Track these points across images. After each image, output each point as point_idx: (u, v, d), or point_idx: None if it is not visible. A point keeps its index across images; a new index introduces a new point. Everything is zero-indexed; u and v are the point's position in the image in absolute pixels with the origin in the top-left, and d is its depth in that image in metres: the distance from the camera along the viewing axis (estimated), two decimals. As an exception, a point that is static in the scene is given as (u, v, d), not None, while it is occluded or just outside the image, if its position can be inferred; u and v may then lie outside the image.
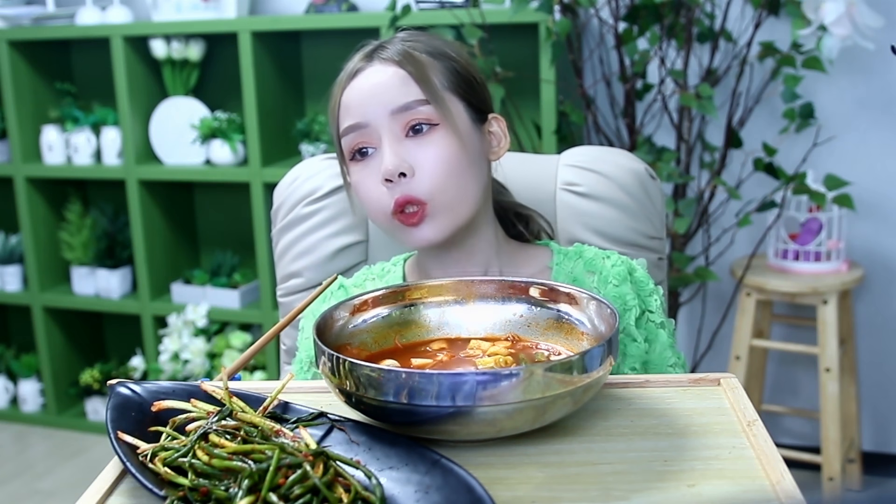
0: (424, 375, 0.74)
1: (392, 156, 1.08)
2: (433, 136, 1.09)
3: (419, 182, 1.08)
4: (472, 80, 1.16)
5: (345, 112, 1.12)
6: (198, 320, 2.91)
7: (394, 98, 1.10)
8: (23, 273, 3.26)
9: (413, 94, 1.10)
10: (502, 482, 0.74)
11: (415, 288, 0.98)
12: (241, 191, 3.04)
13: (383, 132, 1.10)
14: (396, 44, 1.14)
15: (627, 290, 1.15)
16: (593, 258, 1.18)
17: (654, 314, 1.16)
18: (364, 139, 1.11)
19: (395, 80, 1.10)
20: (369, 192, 1.11)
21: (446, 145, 1.09)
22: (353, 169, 1.13)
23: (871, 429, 2.72)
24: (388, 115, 1.09)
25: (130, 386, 0.85)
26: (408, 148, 1.09)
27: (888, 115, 2.52)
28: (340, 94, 1.13)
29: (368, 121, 1.10)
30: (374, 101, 1.10)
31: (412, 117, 1.09)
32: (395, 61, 1.11)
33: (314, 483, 0.68)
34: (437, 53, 1.14)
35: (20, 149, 3.08)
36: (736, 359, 2.47)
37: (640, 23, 2.33)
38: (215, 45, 3.00)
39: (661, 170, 2.25)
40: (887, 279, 2.62)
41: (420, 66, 1.11)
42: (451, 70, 1.14)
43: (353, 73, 1.13)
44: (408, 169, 1.08)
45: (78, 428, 3.24)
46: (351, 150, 1.13)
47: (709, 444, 0.79)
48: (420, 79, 1.10)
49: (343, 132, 1.13)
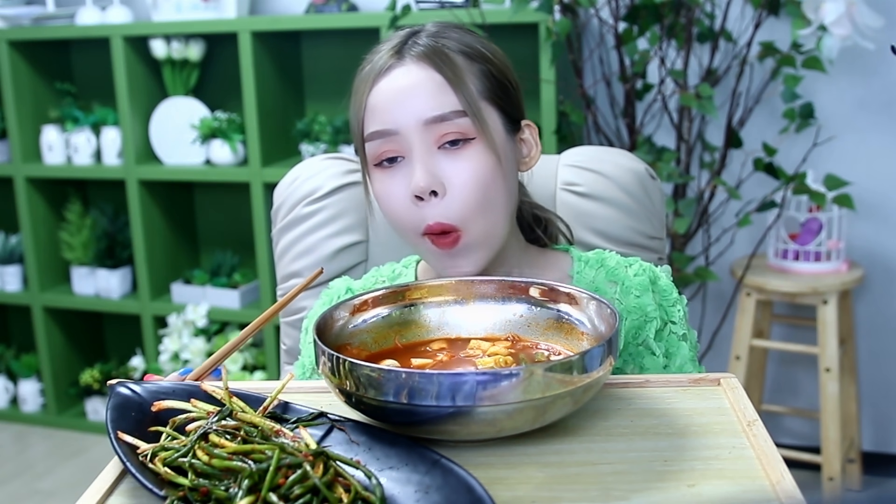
0: (424, 375, 0.74)
1: (423, 172, 1.00)
2: (468, 151, 1.01)
3: (451, 203, 1.01)
4: (508, 86, 1.07)
5: (371, 115, 1.04)
6: (198, 320, 2.91)
7: (428, 107, 1.01)
8: (23, 273, 3.26)
9: (449, 105, 1.01)
10: (502, 482, 0.74)
11: (415, 288, 0.98)
12: (241, 191, 3.04)
13: (414, 143, 1.01)
14: (430, 40, 1.04)
15: (649, 300, 1.09)
16: (615, 267, 1.12)
17: (677, 325, 1.10)
18: (392, 147, 1.03)
19: (430, 86, 1.01)
20: (396, 206, 1.03)
21: (482, 162, 1.01)
22: (378, 176, 1.05)
23: (871, 429, 2.72)
24: (420, 125, 1.01)
25: (130, 386, 0.85)
26: (440, 162, 1.01)
27: (888, 115, 2.52)
28: (367, 93, 1.04)
29: (398, 128, 1.01)
30: (405, 107, 1.01)
31: (447, 130, 1.01)
32: (430, 62, 1.02)
33: (314, 483, 0.68)
34: (473, 54, 1.05)
35: (20, 149, 3.08)
36: (736, 359, 2.47)
37: (640, 23, 2.33)
38: (215, 45, 3.00)
39: (661, 170, 2.25)
40: (887, 279, 2.62)
41: (457, 71, 1.02)
42: (488, 75, 1.05)
43: (383, 71, 1.04)
44: (439, 187, 1.00)
45: (78, 428, 3.24)
46: (376, 157, 1.04)
47: (709, 444, 0.79)
48: (457, 86, 1.01)
49: (368, 137, 1.04)
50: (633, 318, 1.09)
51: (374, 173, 1.06)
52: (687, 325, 1.12)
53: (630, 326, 1.09)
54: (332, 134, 2.79)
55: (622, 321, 1.08)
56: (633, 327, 1.09)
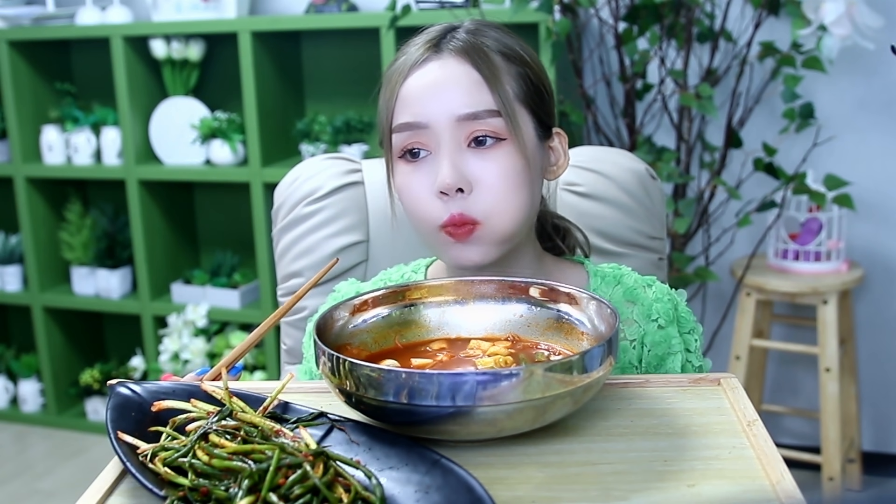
0: (424, 375, 0.74)
1: (451, 169, 0.98)
2: (498, 151, 1.00)
3: (476, 201, 0.99)
4: (543, 91, 1.05)
5: (402, 106, 1.01)
6: (198, 320, 2.91)
7: (462, 103, 0.99)
8: (23, 273, 3.26)
9: (484, 103, 0.99)
10: (502, 482, 0.74)
11: (415, 288, 0.98)
12: (241, 191, 3.04)
13: (443, 138, 0.99)
14: (469, 36, 1.03)
15: (674, 332, 1.06)
16: (634, 286, 1.09)
17: (693, 355, 1.08)
18: (420, 140, 1.01)
19: (465, 83, 1.00)
20: (418, 201, 1.02)
21: (511, 164, 1.00)
22: (402, 168, 1.03)
23: (871, 429, 2.72)
24: (452, 121, 0.99)
25: (130, 386, 0.85)
26: (468, 160, 1.00)
27: (888, 115, 2.52)
28: (399, 84, 1.02)
29: (429, 122, 1.00)
30: (438, 101, 1.00)
31: (479, 128, 0.99)
32: (467, 58, 1.00)
33: (314, 483, 0.68)
34: (512, 56, 1.03)
35: (20, 149, 3.08)
36: (736, 359, 2.47)
37: (640, 23, 2.33)
38: (215, 45, 3.00)
39: (661, 170, 2.25)
40: (887, 279, 2.62)
41: (495, 70, 1.00)
42: (525, 77, 1.03)
43: (418, 63, 1.02)
44: (466, 185, 0.99)
45: (78, 428, 3.24)
46: (402, 149, 1.02)
47: (709, 444, 0.79)
48: (494, 85, 0.99)
49: (397, 128, 1.02)
50: (657, 349, 1.06)
51: (398, 165, 1.04)
52: (701, 356, 1.10)
53: (651, 358, 1.06)
54: (332, 134, 2.79)
55: (633, 327, 1.07)
56: (655, 359, 1.06)
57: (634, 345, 1.07)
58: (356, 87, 2.93)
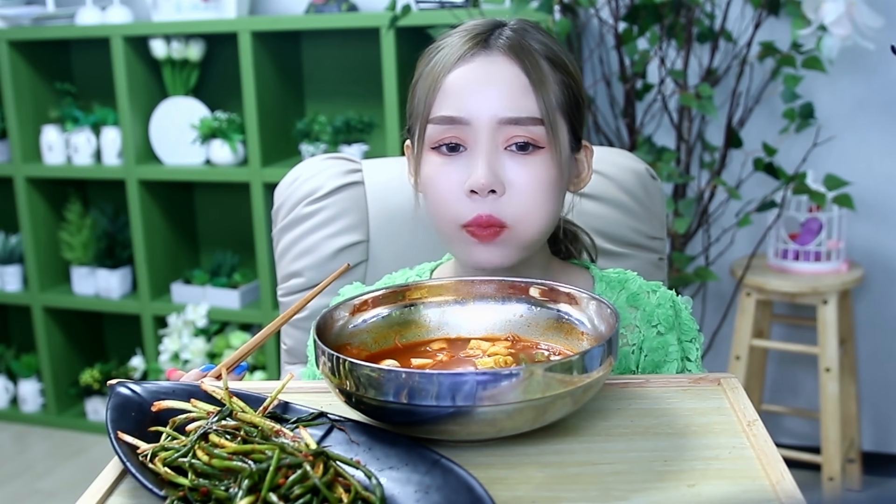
0: (424, 375, 0.74)
1: (487, 169, 0.97)
2: (534, 159, 0.99)
3: (507, 204, 0.99)
4: (580, 103, 1.04)
5: (444, 98, 1.00)
6: (198, 320, 2.91)
7: (507, 106, 0.98)
8: (23, 273, 3.26)
9: (528, 109, 0.98)
10: (502, 482, 0.74)
11: (415, 288, 0.98)
12: (241, 191, 3.04)
13: (482, 137, 0.98)
14: (517, 35, 1.01)
15: (673, 339, 1.06)
16: (637, 292, 1.09)
17: (693, 364, 1.07)
18: (457, 135, 0.99)
19: (513, 85, 0.98)
20: (446, 196, 1.00)
21: (545, 173, 0.99)
22: (432, 160, 1.02)
23: (871, 429, 2.72)
24: (494, 121, 0.98)
25: (130, 386, 0.85)
26: (503, 163, 0.99)
27: (888, 115, 2.52)
28: (444, 76, 1.00)
29: (471, 119, 0.98)
30: (483, 99, 0.98)
31: (519, 133, 0.98)
32: (517, 59, 0.99)
33: (314, 483, 0.68)
34: (557, 63, 1.02)
35: (20, 149, 3.08)
36: (736, 359, 2.47)
37: (640, 23, 2.33)
38: (215, 45, 3.00)
39: (661, 170, 2.25)
40: (887, 279, 2.62)
41: (542, 77, 0.99)
42: (567, 86, 1.02)
43: (465, 56, 1.00)
44: (499, 187, 0.98)
45: (78, 428, 3.24)
46: (437, 141, 1.01)
47: (709, 444, 0.79)
48: (539, 92, 0.98)
49: (436, 119, 1.00)
50: (653, 355, 1.06)
51: (429, 156, 1.02)
52: (701, 364, 1.09)
53: (647, 363, 1.06)
54: (332, 134, 2.79)
55: (634, 332, 1.07)
56: (651, 365, 1.06)
57: (634, 350, 1.07)
58: (356, 87, 2.93)
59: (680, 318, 1.08)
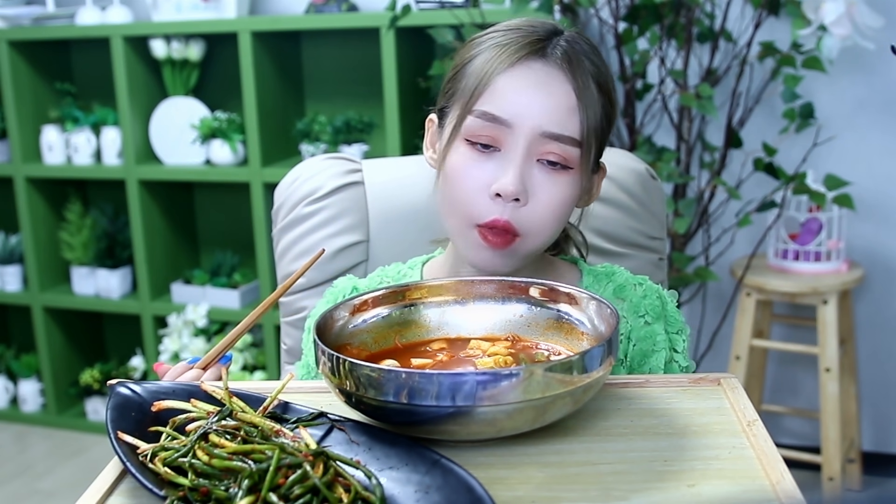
0: (424, 375, 0.74)
1: (517, 178, 0.98)
2: (562, 177, 1.01)
3: (526, 214, 1.00)
4: (611, 127, 1.06)
5: (493, 95, 1.00)
6: (198, 320, 2.91)
7: (552, 120, 0.99)
8: (23, 273, 3.26)
9: (571, 129, 0.99)
10: (502, 482, 0.74)
11: (415, 288, 0.98)
12: (241, 191, 3.04)
13: (520, 145, 0.99)
14: (573, 49, 1.02)
15: (660, 329, 1.08)
16: (624, 284, 1.10)
17: (680, 355, 1.08)
18: (496, 135, 1.00)
19: (563, 102, 0.99)
20: (469, 192, 1.01)
21: (568, 192, 1.01)
22: (463, 151, 1.02)
23: (871, 429, 2.72)
24: (536, 133, 0.99)
25: (130, 386, 0.85)
26: (532, 174, 1.00)
27: (888, 115, 2.52)
28: (497, 72, 1.00)
29: (514, 123, 0.99)
30: (531, 108, 0.99)
31: (555, 150, 1.00)
32: (571, 76, 1.00)
33: (314, 483, 0.68)
34: (602, 86, 1.03)
35: (20, 149, 3.08)
36: (736, 359, 2.47)
37: (640, 23, 2.33)
38: (215, 45, 3.00)
39: (661, 170, 2.25)
40: (887, 279, 2.62)
41: (590, 99, 1.00)
42: (606, 112, 1.03)
43: (523, 58, 1.00)
44: (524, 197, 0.99)
45: (78, 428, 3.24)
46: (474, 135, 1.01)
47: (709, 444, 0.79)
48: (584, 114, 1.00)
49: (479, 114, 1.00)
50: (642, 345, 1.07)
51: (460, 146, 1.02)
52: (688, 356, 1.10)
53: (636, 353, 1.07)
54: (332, 134, 2.79)
55: (621, 322, 1.07)
56: (639, 354, 1.07)
57: (622, 339, 1.08)
58: (356, 87, 2.93)
59: (666, 309, 1.10)
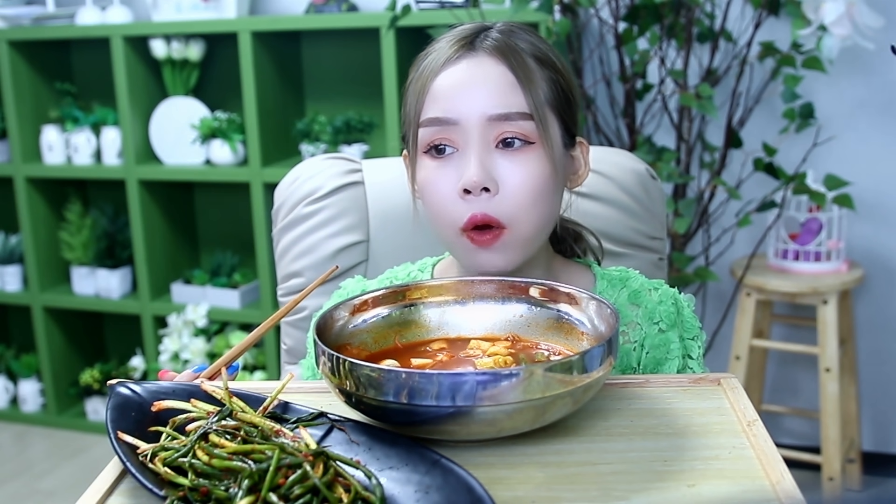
0: (424, 375, 0.74)
1: (478, 168, 0.97)
2: (525, 155, 0.99)
3: (501, 202, 0.98)
4: (571, 98, 1.05)
5: (433, 101, 1.01)
6: (198, 320, 2.91)
7: (495, 103, 0.98)
8: (23, 273, 3.26)
9: (516, 105, 0.99)
10: (502, 482, 0.74)
11: (415, 288, 0.98)
12: (241, 191, 3.04)
13: (472, 136, 0.99)
14: (502, 36, 1.02)
15: (674, 337, 1.06)
16: (639, 290, 1.09)
17: (695, 362, 1.07)
18: (448, 136, 1.00)
19: (500, 83, 0.99)
20: (442, 199, 1.01)
21: (538, 168, 0.99)
22: (426, 163, 1.02)
23: (871, 429, 2.72)
24: (482, 120, 0.98)
25: (130, 386, 0.85)
26: (495, 161, 0.99)
27: (888, 115, 2.52)
28: (431, 80, 1.01)
29: (459, 119, 0.99)
30: (471, 99, 0.99)
31: (509, 129, 0.99)
32: (502, 58, 1.00)
33: (314, 483, 0.68)
34: (544, 60, 1.02)
35: (20, 149, 3.08)
36: (736, 359, 2.47)
37: (640, 23, 2.33)
38: (215, 45, 3.00)
39: (661, 170, 2.25)
40: (887, 279, 2.62)
41: (529, 73, 1.00)
42: (555, 83, 1.02)
43: (451, 59, 1.01)
44: (492, 184, 0.98)
45: (78, 428, 3.24)
46: (428, 144, 1.01)
47: (709, 444, 0.79)
48: (527, 88, 0.99)
49: (425, 122, 1.01)
50: (655, 352, 1.06)
51: (423, 160, 1.03)
52: (703, 362, 1.09)
53: (649, 361, 1.06)
54: (332, 134, 2.79)
55: (635, 329, 1.07)
56: (652, 362, 1.06)
57: (635, 347, 1.07)
58: (356, 87, 2.93)
59: (682, 315, 1.08)
